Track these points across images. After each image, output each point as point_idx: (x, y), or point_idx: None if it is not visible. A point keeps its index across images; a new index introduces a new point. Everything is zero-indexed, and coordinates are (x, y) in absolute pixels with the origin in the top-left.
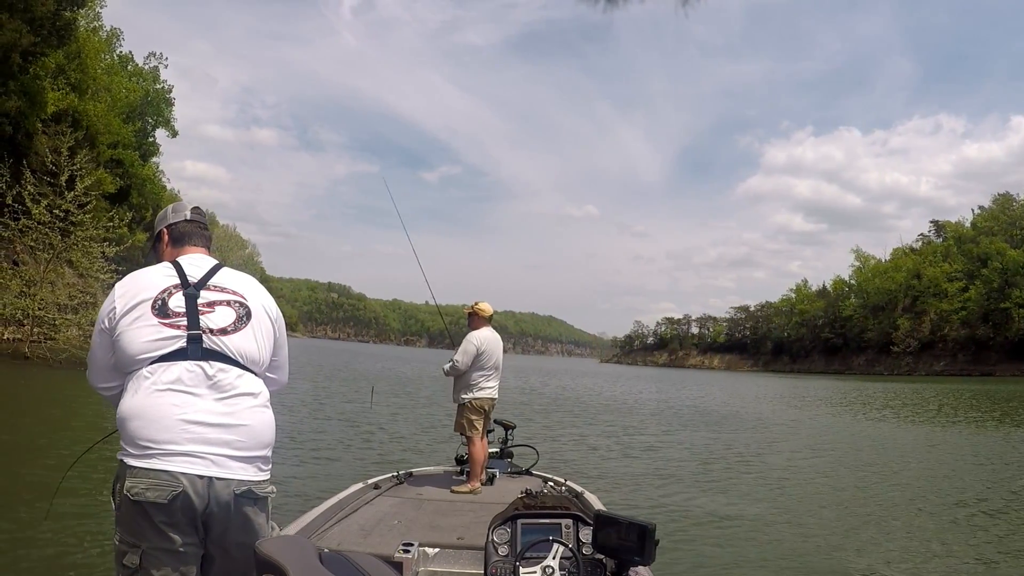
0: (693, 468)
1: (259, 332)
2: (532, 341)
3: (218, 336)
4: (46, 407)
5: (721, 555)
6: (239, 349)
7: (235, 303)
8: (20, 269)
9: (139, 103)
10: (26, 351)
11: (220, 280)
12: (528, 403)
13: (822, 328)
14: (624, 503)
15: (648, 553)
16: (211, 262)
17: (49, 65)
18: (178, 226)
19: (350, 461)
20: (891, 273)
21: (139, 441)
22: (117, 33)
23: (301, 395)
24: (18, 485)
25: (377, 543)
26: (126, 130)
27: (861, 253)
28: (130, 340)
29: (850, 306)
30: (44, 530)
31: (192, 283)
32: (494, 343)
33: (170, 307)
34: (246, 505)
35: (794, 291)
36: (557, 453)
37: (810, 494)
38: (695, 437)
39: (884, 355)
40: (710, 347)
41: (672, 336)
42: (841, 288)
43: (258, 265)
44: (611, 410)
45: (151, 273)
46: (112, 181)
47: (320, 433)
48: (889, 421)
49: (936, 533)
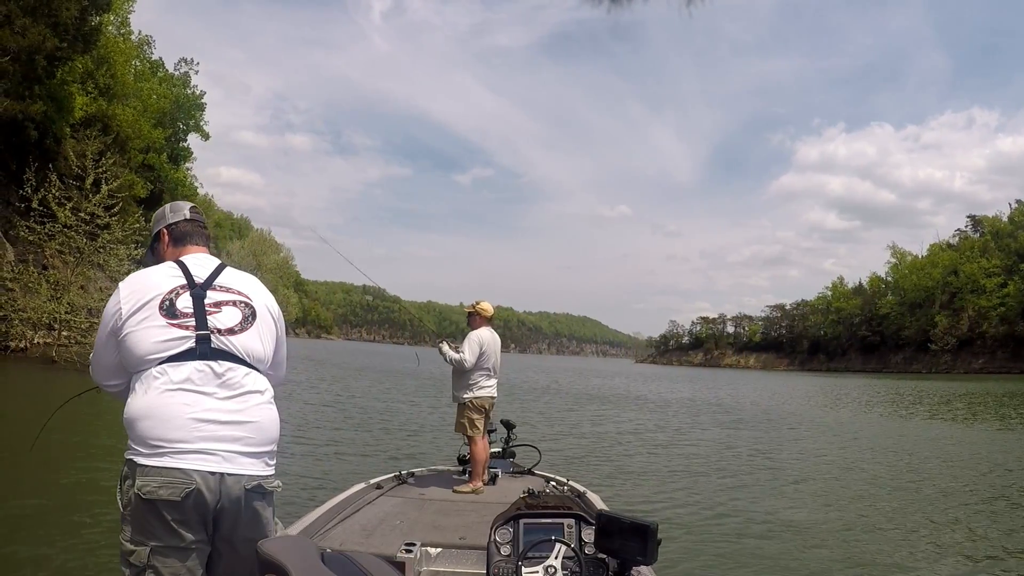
0: (699, 467)
1: (263, 331)
2: (567, 342)
3: (226, 336)
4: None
5: (725, 555)
6: (246, 348)
7: (241, 303)
8: (48, 273)
9: (170, 108)
10: (54, 355)
11: (225, 280)
12: (552, 404)
13: (859, 326)
14: (627, 503)
15: (650, 552)
16: (215, 262)
17: (77, 70)
18: (178, 226)
19: (352, 461)
20: (928, 269)
21: (150, 440)
22: (148, 40)
23: (314, 394)
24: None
25: (379, 543)
26: (157, 134)
27: (897, 249)
28: (138, 341)
29: (887, 303)
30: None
31: (199, 283)
32: (494, 343)
33: (178, 308)
34: (255, 500)
35: (830, 289)
36: (563, 452)
37: (821, 493)
38: (706, 435)
39: (922, 353)
40: (746, 346)
41: (708, 335)
42: (878, 285)
43: (292, 269)
44: (631, 407)
45: (156, 273)
46: (143, 186)
47: (320, 431)
48: (918, 418)
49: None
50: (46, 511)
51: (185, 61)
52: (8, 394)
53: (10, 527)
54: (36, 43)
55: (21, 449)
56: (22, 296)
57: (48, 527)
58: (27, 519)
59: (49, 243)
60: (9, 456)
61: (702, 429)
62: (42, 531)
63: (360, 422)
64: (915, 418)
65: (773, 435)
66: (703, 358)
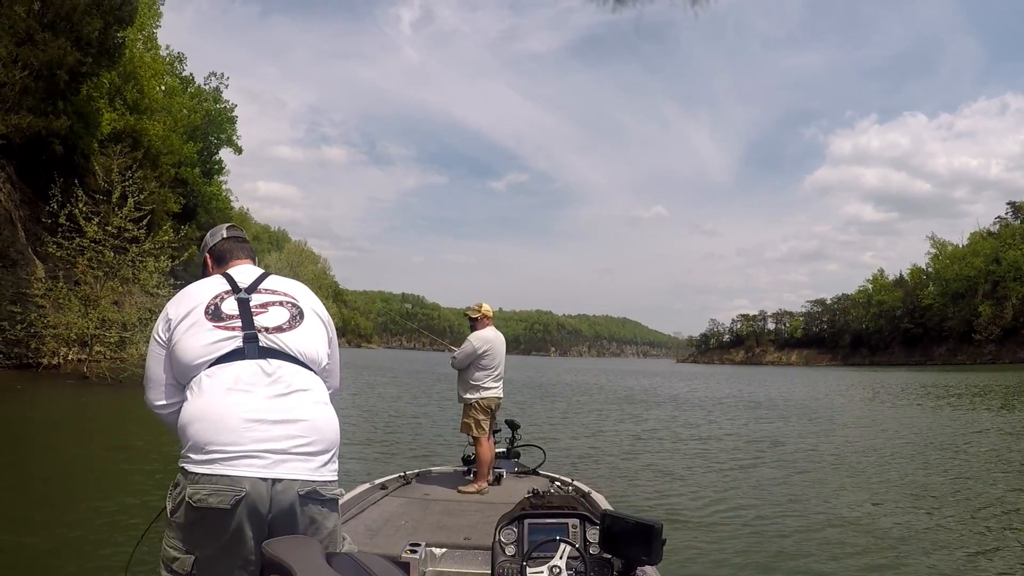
0: (704, 467)
1: (314, 331)
2: (607, 344)
3: (274, 334)
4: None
5: (730, 554)
6: (296, 346)
7: (287, 303)
8: (79, 289)
9: (201, 122)
10: (85, 371)
11: (271, 284)
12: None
13: (901, 318)
14: (632, 503)
15: (655, 552)
16: (258, 271)
17: (103, 86)
18: (218, 246)
19: (357, 461)
20: (969, 259)
21: (200, 444)
22: (180, 57)
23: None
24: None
25: (384, 543)
26: (189, 149)
27: (937, 240)
28: (186, 347)
29: (929, 295)
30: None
31: (243, 288)
32: (497, 343)
33: (223, 311)
34: (312, 507)
35: (871, 282)
36: (571, 451)
37: (829, 491)
38: (720, 431)
39: (966, 344)
40: (787, 343)
41: (748, 333)
42: (919, 276)
43: (330, 279)
44: (655, 407)
45: (200, 285)
46: (175, 200)
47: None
48: (947, 410)
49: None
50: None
51: (215, 75)
52: (41, 412)
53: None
54: (57, 57)
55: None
56: (53, 312)
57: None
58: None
59: (79, 258)
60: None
61: (717, 425)
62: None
63: (368, 421)
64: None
65: (790, 429)
66: (744, 356)
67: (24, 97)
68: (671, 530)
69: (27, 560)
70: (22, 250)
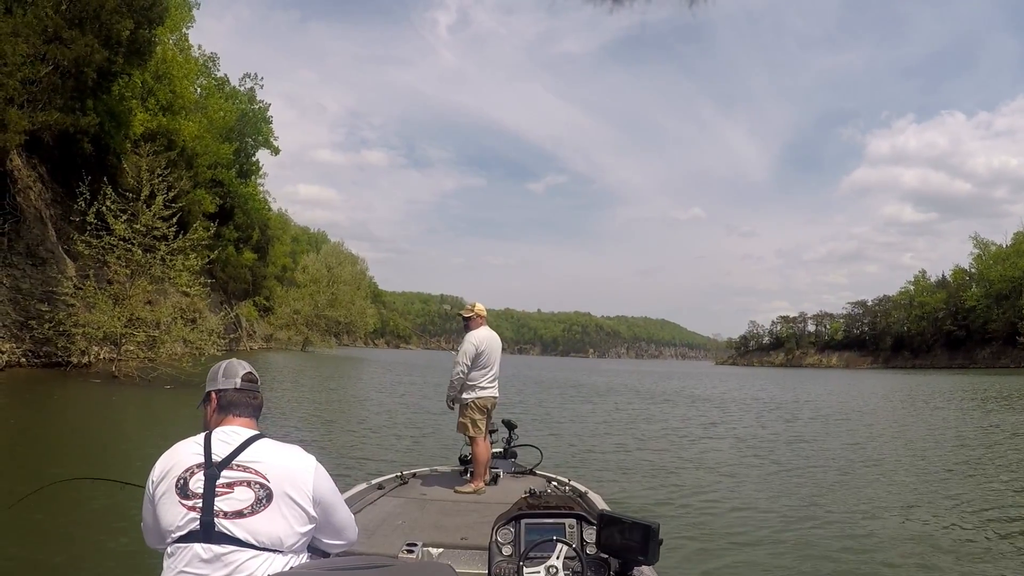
0: (704, 467)
1: (285, 512)
2: (645, 345)
3: (231, 520)
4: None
5: (728, 555)
6: (255, 532)
7: (256, 484)
8: (108, 288)
9: (236, 123)
10: (114, 370)
11: (248, 457)
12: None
13: (943, 320)
14: (629, 502)
15: (652, 552)
16: (245, 436)
17: (135, 86)
18: (226, 394)
19: (354, 461)
20: (1014, 259)
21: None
22: (213, 57)
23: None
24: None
25: (381, 543)
26: (224, 149)
27: (980, 240)
28: (159, 516)
29: (972, 296)
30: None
31: (215, 462)
32: (493, 342)
33: (190, 488)
34: None
35: (912, 283)
36: (568, 451)
37: (830, 494)
38: (734, 432)
39: (1010, 347)
40: (827, 345)
41: (788, 335)
42: (961, 278)
43: (369, 279)
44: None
45: (184, 449)
46: (211, 200)
47: (320, 430)
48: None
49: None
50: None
51: (249, 76)
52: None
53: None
54: (84, 55)
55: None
56: (83, 311)
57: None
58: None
59: (109, 256)
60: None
61: (728, 426)
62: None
63: (363, 421)
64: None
65: (798, 430)
66: (784, 358)
67: (52, 95)
68: (668, 530)
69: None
70: (52, 249)
